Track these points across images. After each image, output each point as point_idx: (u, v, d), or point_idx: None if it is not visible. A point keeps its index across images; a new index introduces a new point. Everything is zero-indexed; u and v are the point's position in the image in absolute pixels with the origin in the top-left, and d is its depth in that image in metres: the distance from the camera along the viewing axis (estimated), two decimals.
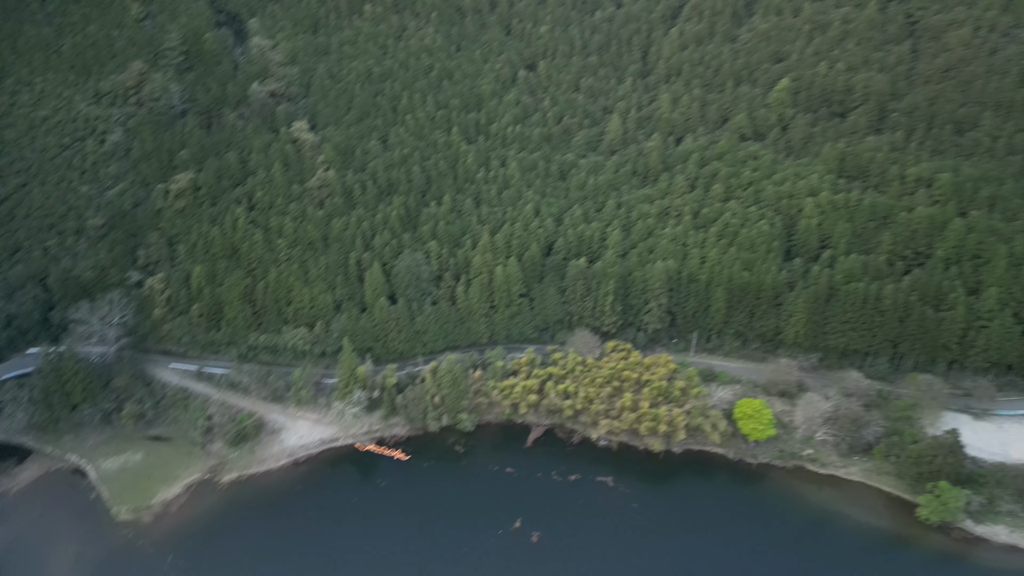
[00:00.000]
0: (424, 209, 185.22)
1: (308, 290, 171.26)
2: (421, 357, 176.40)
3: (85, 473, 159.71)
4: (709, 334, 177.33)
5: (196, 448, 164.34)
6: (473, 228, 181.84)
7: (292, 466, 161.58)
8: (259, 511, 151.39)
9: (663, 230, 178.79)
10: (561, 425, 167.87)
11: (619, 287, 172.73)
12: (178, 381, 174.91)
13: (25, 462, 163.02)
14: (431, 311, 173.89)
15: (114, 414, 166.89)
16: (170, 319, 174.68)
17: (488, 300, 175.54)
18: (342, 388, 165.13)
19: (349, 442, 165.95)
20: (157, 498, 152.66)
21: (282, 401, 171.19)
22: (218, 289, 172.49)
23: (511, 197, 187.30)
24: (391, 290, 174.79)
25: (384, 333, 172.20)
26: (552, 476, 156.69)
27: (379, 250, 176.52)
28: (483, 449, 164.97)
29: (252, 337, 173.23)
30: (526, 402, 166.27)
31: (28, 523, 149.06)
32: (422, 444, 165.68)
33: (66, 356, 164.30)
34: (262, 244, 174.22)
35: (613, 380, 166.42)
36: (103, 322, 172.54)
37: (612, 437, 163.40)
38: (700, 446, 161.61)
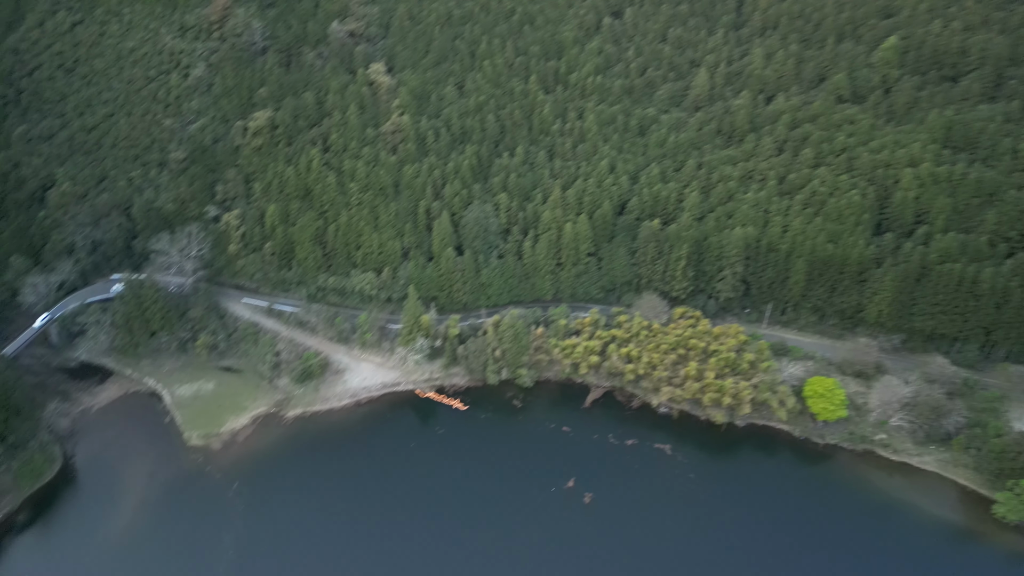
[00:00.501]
0: (496, 160, 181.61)
1: (377, 236, 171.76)
2: (484, 310, 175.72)
3: (161, 397, 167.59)
4: (784, 306, 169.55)
5: (264, 382, 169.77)
6: (545, 182, 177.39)
7: (354, 406, 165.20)
8: (320, 447, 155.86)
9: (745, 194, 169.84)
10: (621, 388, 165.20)
11: (693, 252, 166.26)
12: (249, 316, 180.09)
13: (106, 383, 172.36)
14: (497, 264, 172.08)
15: (189, 343, 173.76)
16: (244, 255, 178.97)
17: (555, 257, 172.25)
18: (405, 335, 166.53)
19: (409, 388, 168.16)
20: (226, 427, 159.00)
21: (347, 343, 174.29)
22: (291, 229, 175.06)
23: (586, 152, 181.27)
24: (458, 241, 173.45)
25: (449, 283, 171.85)
26: (609, 439, 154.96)
27: (449, 200, 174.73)
28: (541, 406, 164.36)
29: (321, 278, 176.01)
30: (587, 363, 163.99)
31: (107, 440, 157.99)
32: (480, 396, 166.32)
33: (147, 284, 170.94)
34: (335, 187, 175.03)
35: (679, 347, 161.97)
36: (182, 254, 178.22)
37: (673, 405, 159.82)
38: (765, 421, 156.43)
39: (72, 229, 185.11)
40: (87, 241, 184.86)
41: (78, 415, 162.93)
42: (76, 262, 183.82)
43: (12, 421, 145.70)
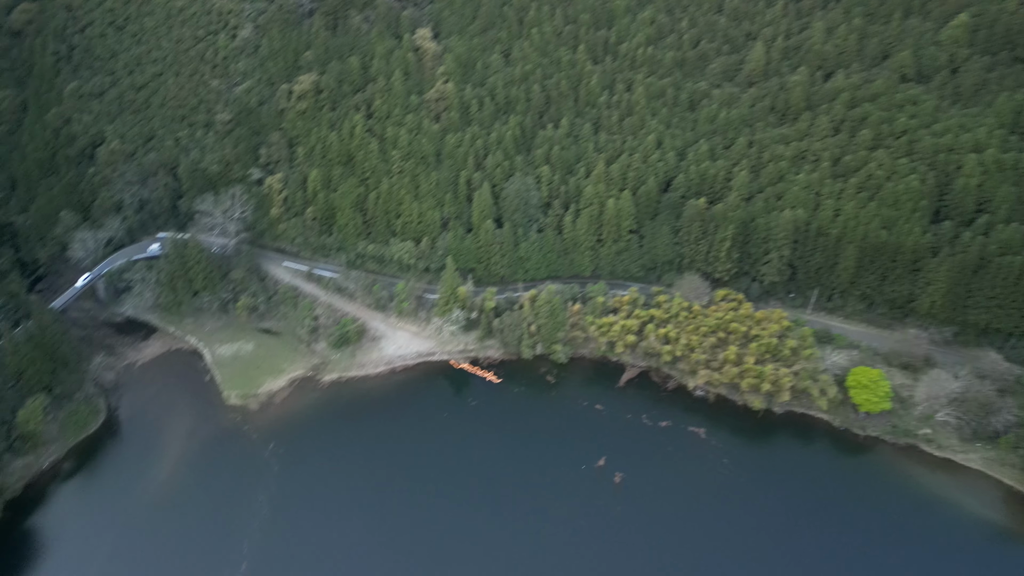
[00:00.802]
0: (540, 131, 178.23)
1: (417, 205, 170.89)
2: (522, 283, 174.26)
3: (201, 356, 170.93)
4: (831, 293, 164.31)
5: (301, 345, 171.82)
6: (589, 156, 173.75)
7: (389, 374, 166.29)
8: (355, 413, 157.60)
9: (796, 175, 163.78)
10: (657, 369, 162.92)
11: (739, 233, 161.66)
12: (289, 279, 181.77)
13: (150, 339, 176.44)
14: (536, 238, 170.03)
15: (230, 304, 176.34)
16: (286, 219, 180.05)
17: (596, 233, 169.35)
18: (442, 305, 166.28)
19: (444, 358, 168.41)
20: (263, 388, 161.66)
21: (384, 310, 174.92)
22: (332, 195, 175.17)
23: (633, 125, 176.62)
24: (498, 213, 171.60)
25: (487, 256, 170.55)
26: (642, 419, 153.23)
27: (490, 171, 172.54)
28: (574, 383, 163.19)
29: (361, 245, 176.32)
30: (623, 342, 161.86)
31: (149, 396, 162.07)
32: (514, 369, 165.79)
33: (191, 244, 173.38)
34: (377, 154, 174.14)
35: (719, 331, 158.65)
36: (225, 215, 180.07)
37: (710, 388, 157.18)
38: (804, 409, 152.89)
39: (120, 187, 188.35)
40: (134, 199, 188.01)
41: (122, 369, 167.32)
42: (124, 219, 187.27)
43: (59, 373, 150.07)
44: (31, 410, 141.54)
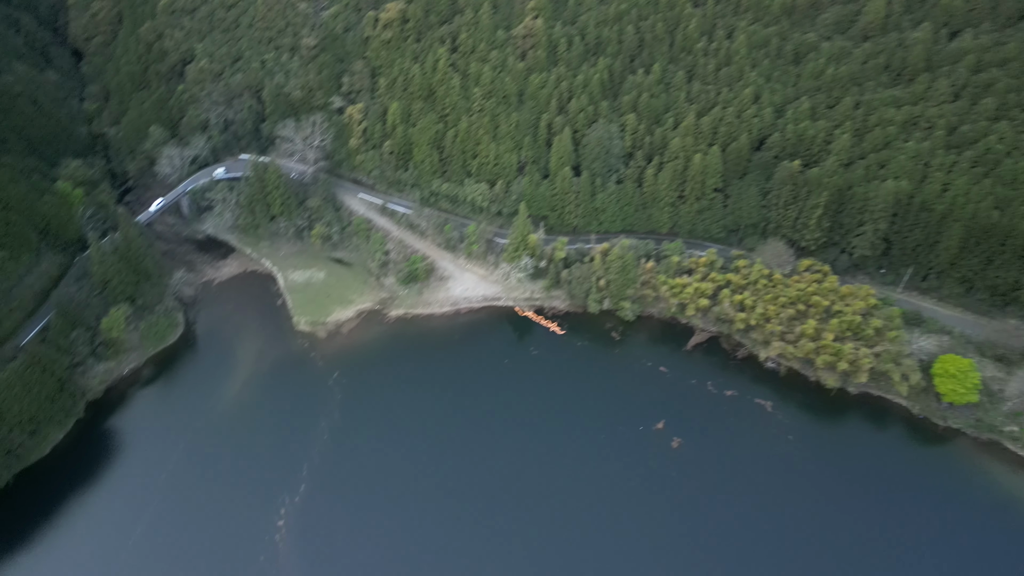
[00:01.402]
0: (629, 77, 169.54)
1: (495, 146, 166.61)
2: (595, 235, 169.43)
3: (275, 280, 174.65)
4: (927, 273, 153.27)
5: (371, 278, 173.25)
6: (679, 106, 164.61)
7: (453, 315, 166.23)
8: (418, 350, 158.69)
9: (904, 143, 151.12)
10: (728, 336, 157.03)
11: (833, 200, 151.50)
12: (363, 212, 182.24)
13: (228, 258, 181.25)
14: (614, 190, 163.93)
15: (305, 231, 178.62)
16: (364, 151, 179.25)
17: (678, 189, 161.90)
18: (511, 251, 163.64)
19: (509, 304, 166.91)
20: (332, 317, 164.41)
21: (454, 251, 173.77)
22: (411, 130, 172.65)
23: (730, 76, 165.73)
24: (577, 160, 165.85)
25: (562, 204, 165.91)
26: (707, 386, 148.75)
27: (573, 115, 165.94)
28: (640, 342, 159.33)
29: (435, 184, 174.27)
30: (695, 305, 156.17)
31: (224, 314, 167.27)
32: (579, 322, 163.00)
33: (271, 169, 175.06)
34: (458, 90, 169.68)
35: (799, 303, 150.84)
36: (305, 143, 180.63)
37: (782, 361, 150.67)
38: (881, 393, 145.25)
39: (207, 106, 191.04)
40: (220, 119, 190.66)
41: (201, 286, 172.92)
42: (209, 139, 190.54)
43: (142, 285, 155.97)
44: (114, 319, 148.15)
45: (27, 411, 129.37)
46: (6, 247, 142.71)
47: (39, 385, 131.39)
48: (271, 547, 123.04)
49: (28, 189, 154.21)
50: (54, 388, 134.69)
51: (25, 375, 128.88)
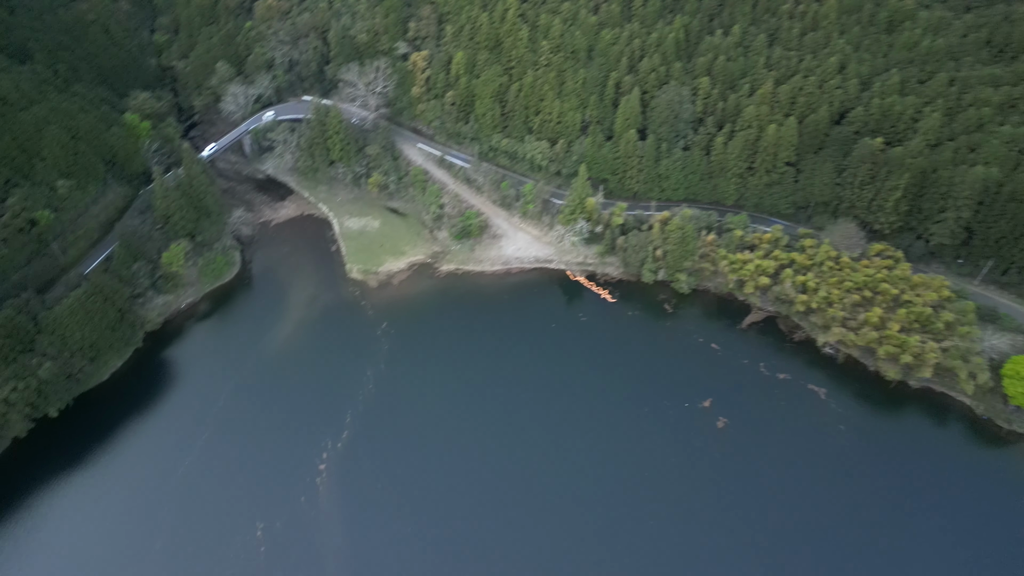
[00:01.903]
0: (707, 37, 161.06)
1: (559, 103, 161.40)
2: (655, 202, 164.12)
3: (331, 225, 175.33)
4: (1009, 267, 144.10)
5: (424, 231, 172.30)
6: (757, 71, 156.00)
7: (504, 274, 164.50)
8: (466, 307, 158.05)
9: (1000, 126, 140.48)
10: (786, 317, 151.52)
11: (914, 183, 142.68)
12: (421, 162, 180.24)
13: (286, 200, 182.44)
14: (680, 156, 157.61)
15: (363, 179, 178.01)
16: (426, 100, 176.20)
17: (748, 160, 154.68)
18: (568, 213, 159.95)
19: (561, 267, 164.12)
20: (384, 267, 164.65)
21: (509, 209, 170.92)
22: (474, 81, 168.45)
23: (815, 43, 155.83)
24: (644, 123, 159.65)
25: (624, 168, 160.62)
26: (759, 367, 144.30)
27: (643, 75, 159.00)
28: (693, 316, 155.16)
29: (495, 138, 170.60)
30: (755, 282, 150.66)
31: (280, 256, 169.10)
32: (631, 291, 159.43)
33: (332, 113, 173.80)
34: (526, 43, 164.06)
35: (865, 289, 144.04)
36: (368, 88, 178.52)
37: (841, 348, 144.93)
38: (944, 389, 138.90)
39: (273, 44, 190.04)
40: (285, 59, 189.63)
41: (258, 226, 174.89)
42: (273, 78, 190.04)
43: (202, 222, 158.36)
44: (174, 253, 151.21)
45: (88, 338, 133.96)
46: (74, 176, 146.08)
47: (101, 313, 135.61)
48: (312, 489, 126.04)
49: (97, 119, 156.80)
50: (115, 317, 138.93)
51: (88, 303, 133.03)
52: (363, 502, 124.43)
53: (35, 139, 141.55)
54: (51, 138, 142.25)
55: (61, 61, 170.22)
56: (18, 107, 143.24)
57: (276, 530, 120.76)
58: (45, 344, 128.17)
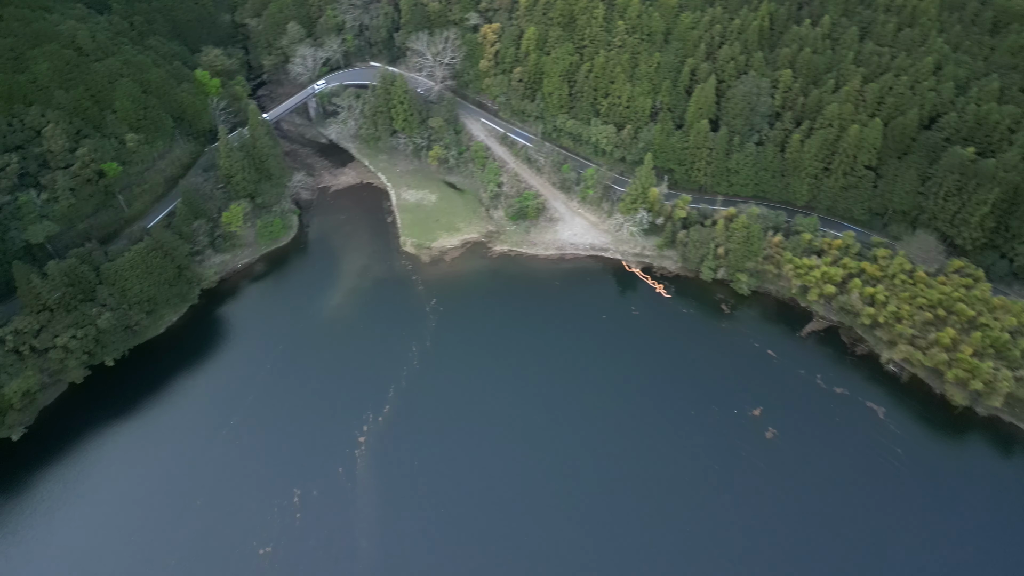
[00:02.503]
0: (793, 27, 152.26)
1: (629, 87, 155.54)
2: (722, 197, 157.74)
3: (388, 196, 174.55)
4: None
5: (481, 208, 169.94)
6: (844, 67, 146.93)
7: (558, 259, 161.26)
8: (516, 290, 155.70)
9: None
10: (849, 328, 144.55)
11: (1004, 198, 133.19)
12: (483, 138, 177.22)
13: (346, 167, 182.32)
14: (753, 151, 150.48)
15: (423, 151, 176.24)
16: (493, 74, 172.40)
17: (825, 160, 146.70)
18: (629, 202, 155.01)
19: (616, 257, 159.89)
20: (437, 243, 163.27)
21: (568, 192, 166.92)
22: (544, 58, 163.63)
23: (911, 40, 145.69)
24: (717, 114, 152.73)
25: (692, 159, 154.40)
26: (816, 379, 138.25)
27: (721, 63, 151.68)
28: (750, 318, 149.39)
29: (560, 119, 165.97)
30: (820, 290, 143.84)
31: (336, 223, 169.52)
32: (688, 288, 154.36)
33: (398, 82, 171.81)
34: (600, 21, 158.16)
35: (939, 307, 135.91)
36: (436, 58, 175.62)
37: (906, 366, 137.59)
38: (1014, 420, 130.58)
39: (345, 8, 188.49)
40: (355, 23, 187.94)
41: (318, 191, 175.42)
42: (343, 42, 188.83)
43: (263, 184, 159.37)
44: (234, 213, 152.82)
45: (147, 292, 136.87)
46: (143, 131, 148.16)
47: (160, 269, 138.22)
48: (351, 460, 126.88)
49: (168, 74, 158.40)
50: (173, 273, 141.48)
51: (148, 258, 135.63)
52: (398, 479, 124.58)
53: (107, 91, 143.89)
54: (123, 91, 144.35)
55: (137, 13, 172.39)
56: (93, 58, 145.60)
57: (312, 498, 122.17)
58: (105, 295, 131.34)
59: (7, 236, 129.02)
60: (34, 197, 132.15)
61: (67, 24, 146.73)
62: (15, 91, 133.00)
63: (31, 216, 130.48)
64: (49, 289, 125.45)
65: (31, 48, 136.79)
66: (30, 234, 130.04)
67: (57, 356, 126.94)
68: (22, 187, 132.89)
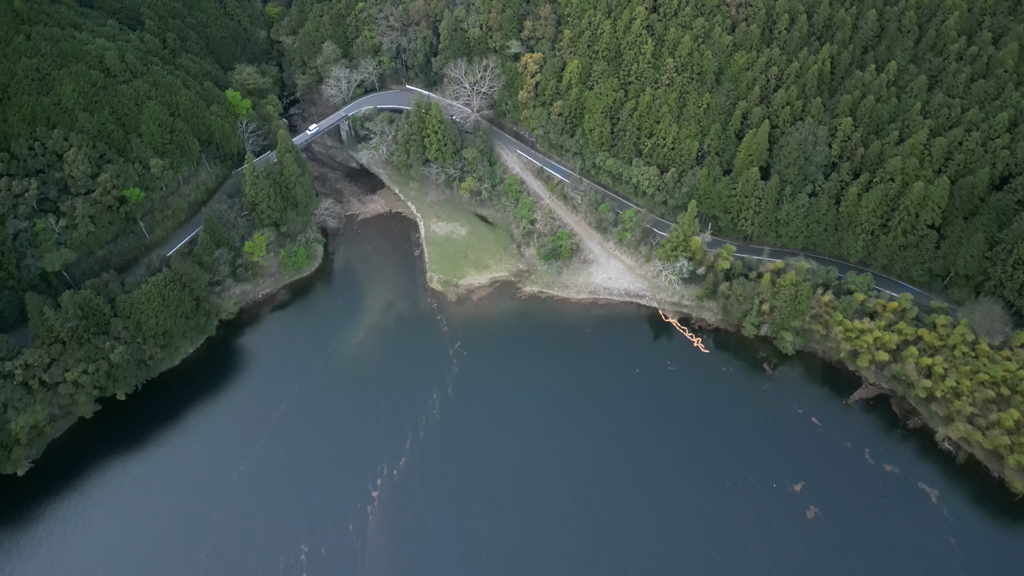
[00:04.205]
0: (856, 72, 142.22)
1: (676, 128, 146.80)
2: (768, 248, 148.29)
3: (417, 227, 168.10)
4: None
5: (512, 245, 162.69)
6: (911, 118, 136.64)
7: (590, 304, 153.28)
8: (545, 336, 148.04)
9: None
10: (901, 398, 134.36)
11: None
12: (518, 171, 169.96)
13: (376, 194, 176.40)
14: (805, 202, 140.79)
15: (456, 182, 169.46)
16: (532, 106, 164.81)
17: (884, 216, 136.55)
18: (669, 249, 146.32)
19: (653, 305, 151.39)
20: (465, 280, 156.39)
21: (604, 233, 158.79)
22: (587, 93, 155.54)
23: (986, 92, 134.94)
24: (768, 161, 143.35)
25: (739, 207, 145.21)
26: (863, 453, 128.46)
27: (776, 108, 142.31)
28: (794, 381, 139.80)
29: (601, 157, 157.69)
30: (871, 356, 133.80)
31: (363, 254, 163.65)
32: (728, 343, 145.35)
33: (433, 110, 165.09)
34: (649, 57, 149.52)
35: (1003, 385, 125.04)
36: (473, 87, 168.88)
37: (963, 446, 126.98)
38: None
39: (382, 30, 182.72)
40: (392, 46, 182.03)
41: (345, 219, 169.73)
42: (378, 64, 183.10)
43: (289, 212, 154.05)
44: (258, 243, 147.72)
45: (163, 325, 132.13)
46: (168, 155, 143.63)
47: (177, 302, 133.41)
48: (362, 517, 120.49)
49: (198, 96, 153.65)
50: (191, 306, 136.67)
51: (165, 290, 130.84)
52: (411, 542, 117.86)
53: (134, 114, 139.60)
54: (149, 114, 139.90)
55: (171, 30, 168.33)
56: (120, 79, 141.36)
57: (320, 557, 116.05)
58: (119, 328, 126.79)
59: (23, 264, 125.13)
60: (52, 223, 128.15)
61: (96, 43, 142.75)
62: (39, 113, 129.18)
63: (48, 244, 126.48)
64: (62, 321, 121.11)
65: (57, 68, 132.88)
66: (46, 262, 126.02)
67: (67, 391, 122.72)
68: (40, 212, 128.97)
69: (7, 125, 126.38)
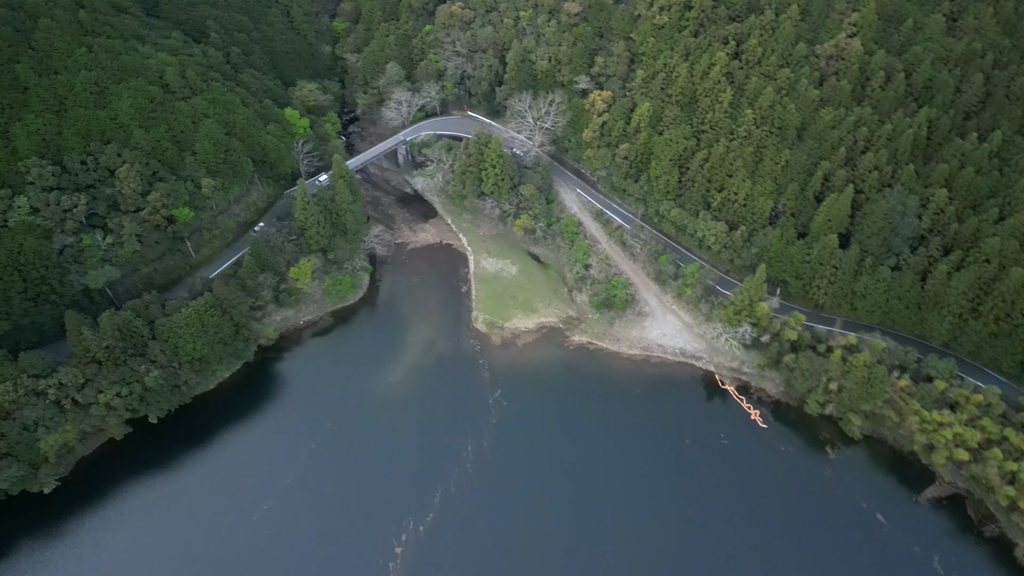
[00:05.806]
0: (954, 140, 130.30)
1: (749, 184, 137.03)
2: (841, 320, 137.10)
3: (467, 261, 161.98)
4: None
5: (563, 289, 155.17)
6: (1015, 195, 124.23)
7: (642, 361, 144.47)
8: (591, 392, 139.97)
9: None
10: (979, 501, 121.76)
11: None
12: (576, 211, 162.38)
13: (427, 223, 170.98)
14: (887, 276, 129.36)
15: (510, 217, 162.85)
16: (596, 146, 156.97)
17: (975, 299, 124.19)
18: (732, 312, 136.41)
19: (710, 369, 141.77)
20: (511, 323, 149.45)
21: (663, 286, 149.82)
22: (656, 138, 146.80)
23: None
24: (849, 228, 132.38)
25: (812, 275, 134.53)
26: (933, 561, 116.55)
27: (863, 172, 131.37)
28: (859, 469, 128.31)
29: (665, 206, 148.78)
30: (949, 452, 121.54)
31: (409, 286, 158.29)
32: (789, 419, 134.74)
33: (493, 143, 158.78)
34: (726, 106, 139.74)
35: None
36: (537, 122, 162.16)
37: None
38: None
39: (448, 55, 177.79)
40: (457, 71, 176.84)
41: (394, 247, 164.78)
42: (441, 88, 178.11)
43: (337, 239, 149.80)
44: (303, 269, 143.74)
45: (200, 351, 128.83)
46: (221, 175, 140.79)
47: (216, 327, 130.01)
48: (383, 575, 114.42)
49: (255, 115, 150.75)
50: (230, 332, 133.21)
51: (205, 316, 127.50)
52: None
53: (189, 131, 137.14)
54: (205, 132, 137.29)
55: (235, 43, 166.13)
56: (179, 95, 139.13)
57: None
58: (156, 351, 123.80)
59: (66, 279, 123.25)
60: (99, 240, 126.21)
61: (157, 58, 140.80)
62: (94, 127, 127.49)
63: (93, 260, 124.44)
64: (99, 342, 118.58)
65: (116, 83, 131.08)
66: (90, 279, 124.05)
67: (99, 412, 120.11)
68: (88, 228, 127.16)
69: (61, 138, 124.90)
